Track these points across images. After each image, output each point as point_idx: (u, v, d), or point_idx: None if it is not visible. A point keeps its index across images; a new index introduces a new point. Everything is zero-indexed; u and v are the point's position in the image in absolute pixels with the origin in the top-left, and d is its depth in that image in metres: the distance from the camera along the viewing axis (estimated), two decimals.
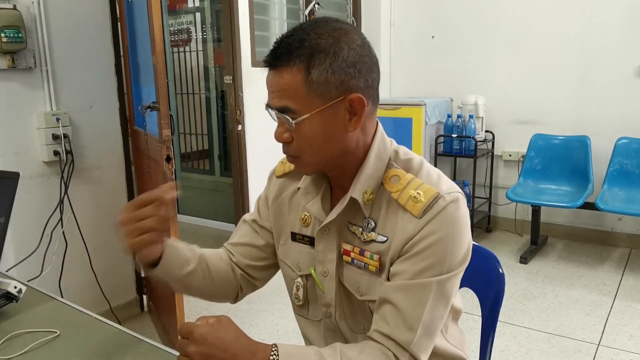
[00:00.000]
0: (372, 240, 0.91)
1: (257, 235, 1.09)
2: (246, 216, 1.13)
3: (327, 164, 0.91)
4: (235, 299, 1.11)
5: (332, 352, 0.83)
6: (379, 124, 0.95)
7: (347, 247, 0.95)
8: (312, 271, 0.99)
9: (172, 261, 0.96)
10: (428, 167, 0.94)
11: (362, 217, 0.93)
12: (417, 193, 0.87)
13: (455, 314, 1.09)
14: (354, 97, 0.85)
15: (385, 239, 0.90)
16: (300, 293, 1.03)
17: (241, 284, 1.09)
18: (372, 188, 0.91)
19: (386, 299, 0.87)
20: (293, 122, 0.85)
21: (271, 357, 0.79)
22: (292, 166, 1.04)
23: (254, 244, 1.09)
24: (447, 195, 0.87)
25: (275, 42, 0.86)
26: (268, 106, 0.88)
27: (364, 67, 0.86)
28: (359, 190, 0.91)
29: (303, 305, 1.05)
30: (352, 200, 0.92)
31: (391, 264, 0.89)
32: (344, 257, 0.96)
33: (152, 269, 0.95)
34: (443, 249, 0.85)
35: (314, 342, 1.06)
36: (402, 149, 0.97)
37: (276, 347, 0.80)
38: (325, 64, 0.83)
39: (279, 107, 0.85)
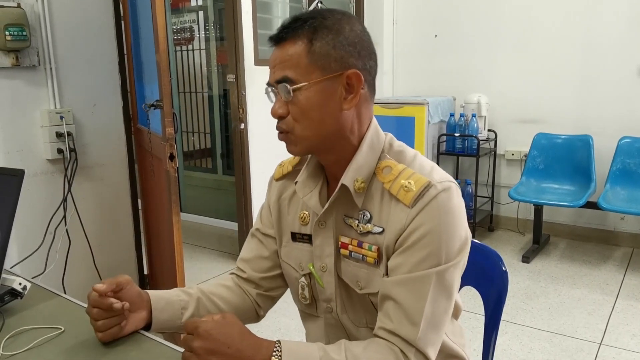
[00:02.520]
0: (369, 232, 0.92)
1: (262, 246, 1.10)
2: (252, 229, 1.15)
3: (319, 143, 0.92)
4: (257, 318, 1.14)
5: (337, 349, 0.84)
6: (374, 118, 0.97)
7: (345, 239, 0.95)
8: (311, 267, 1.00)
9: (164, 316, 0.99)
10: (421, 158, 0.94)
11: (358, 209, 0.93)
12: (408, 182, 0.88)
13: (456, 310, 1.09)
14: (352, 73, 0.88)
15: (381, 229, 0.91)
16: (307, 292, 1.04)
17: (258, 302, 1.11)
18: (364, 177, 0.92)
19: (387, 295, 0.88)
20: (291, 88, 0.87)
21: (274, 354, 0.79)
22: (290, 168, 1.06)
23: (261, 255, 1.10)
24: (438, 184, 0.87)
25: (281, 24, 0.90)
26: (268, 84, 0.91)
27: (364, 50, 0.90)
28: (350, 177, 0.92)
29: (311, 304, 1.06)
30: (345, 190, 0.92)
31: (388, 255, 0.90)
32: (342, 250, 0.96)
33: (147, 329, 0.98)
34: (437, 238, 0.85)
35: (317, 340, 1.06)
36: (397, 142, 0.98)
37: (279, 343, 0.81)
38: (328, 38, 0.87)
39: (279, 78, 0.88)
